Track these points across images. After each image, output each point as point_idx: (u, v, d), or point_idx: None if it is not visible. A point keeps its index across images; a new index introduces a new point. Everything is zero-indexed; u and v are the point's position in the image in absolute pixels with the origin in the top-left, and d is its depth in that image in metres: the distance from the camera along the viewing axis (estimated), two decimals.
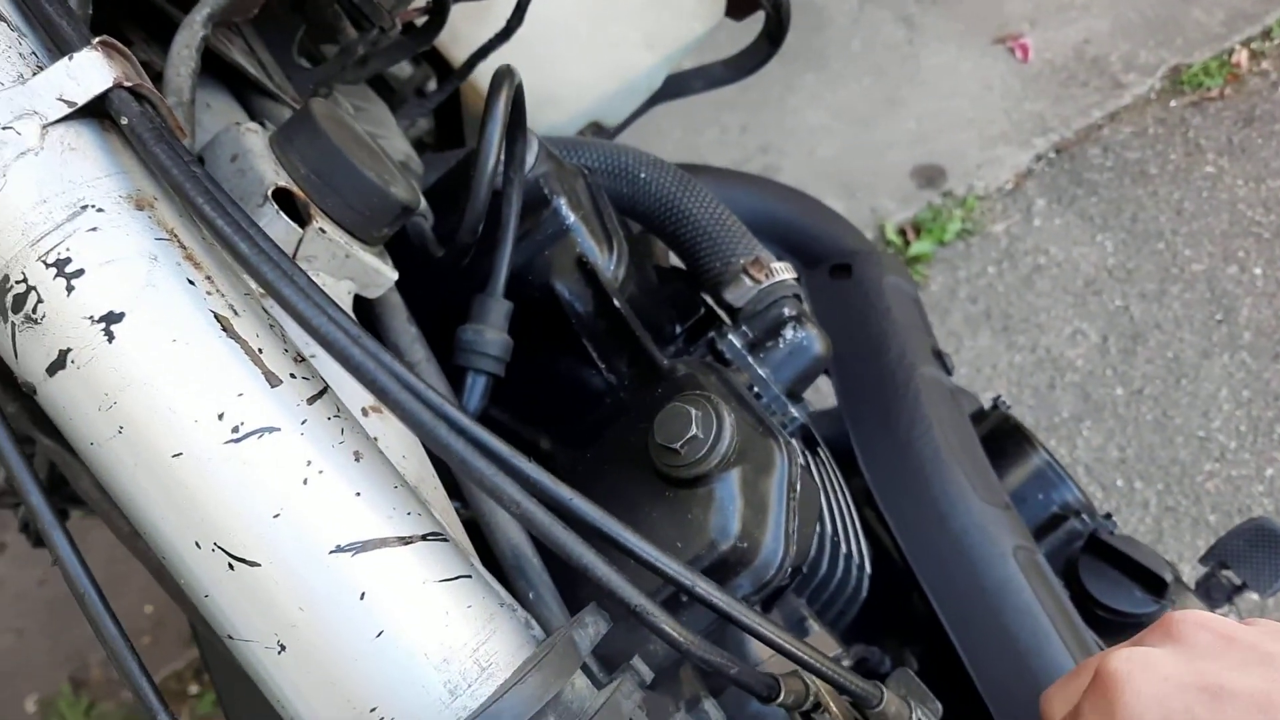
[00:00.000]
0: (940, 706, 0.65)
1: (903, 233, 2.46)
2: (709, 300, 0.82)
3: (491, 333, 0.69)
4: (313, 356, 0.46)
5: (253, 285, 0.44)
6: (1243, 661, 0.56)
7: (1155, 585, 0.91)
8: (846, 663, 0.71)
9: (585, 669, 0.46)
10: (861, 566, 0.78)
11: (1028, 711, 0.79)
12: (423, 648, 0.41)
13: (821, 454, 0.83)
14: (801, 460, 0.69)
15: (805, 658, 0.51)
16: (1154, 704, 0.56)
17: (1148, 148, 2.57)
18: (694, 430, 0.57)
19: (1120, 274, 2.41)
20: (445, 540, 0.44)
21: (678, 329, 0.83)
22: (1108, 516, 1.01)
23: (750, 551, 0.59)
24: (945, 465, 0.86)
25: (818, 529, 0.74)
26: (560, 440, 0.73)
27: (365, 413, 0.53)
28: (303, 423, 0.41)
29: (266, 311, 0.44)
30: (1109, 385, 2.29)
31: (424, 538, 0.43)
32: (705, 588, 0.49)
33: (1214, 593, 1.29)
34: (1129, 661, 0.58)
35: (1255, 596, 1.31)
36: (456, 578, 0.43)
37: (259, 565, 0.39)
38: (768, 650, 0.53)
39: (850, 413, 0.92)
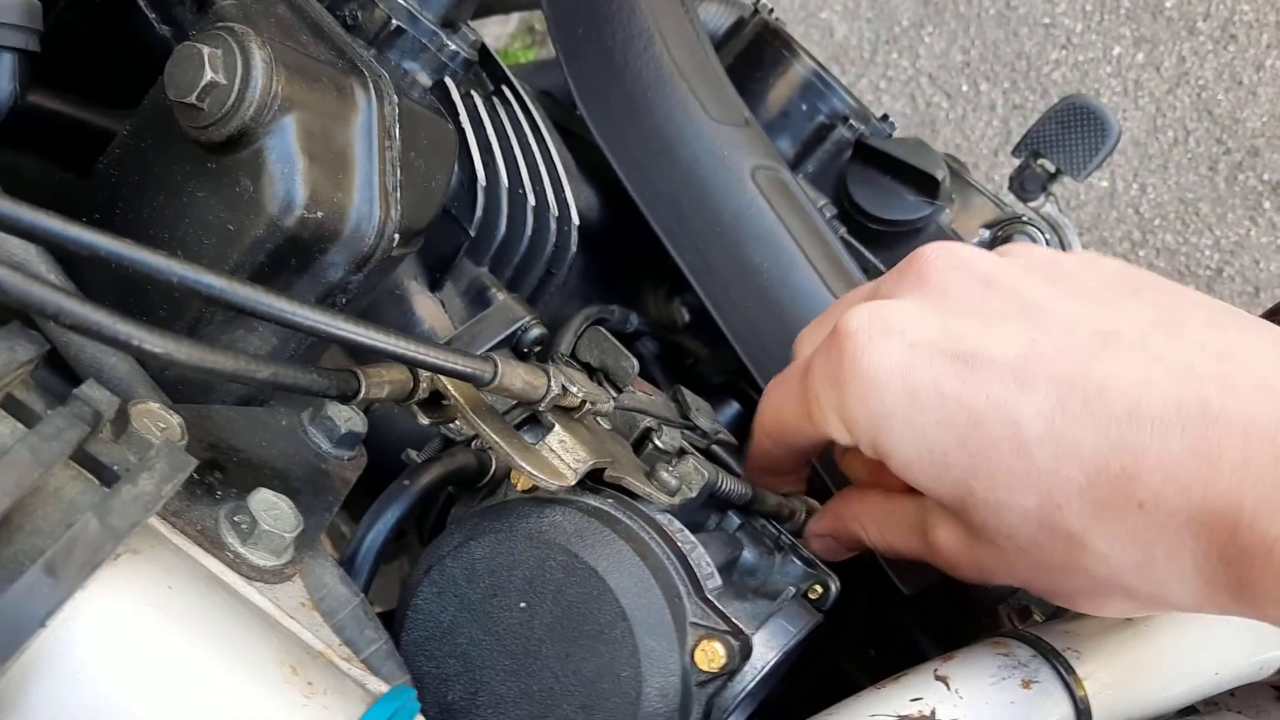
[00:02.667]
0: (635, 364, 0.57)
1: None
2: None
3: None
4: None
5: None
6: (1001, 314, 0.46)
7: (927, 185, 0.82)
8: (537, 330, 0.61)
9: (17, 409, 0.34)
10: (565, 218, 0.67)
11: (777, 347, 0.72)
12: None
13: (509, 94, 0.69)
14: (435, 101, 0.56)
15: (383, 346, 0.40)
16: (896, 376, 0.46)
17: None
18: (209, 74, 0.43)
19: None
20: None
21: None
22: (884, 118, 0.90)
23: (332, 221, 0.46)
24: (669, 85, 0.73)
25: (484, 182, 0.62)
26: None
27: None
28: None
29: None
30: None
31: None
32: (214, 281, 0.37)
33: (1028, 184, 1.22)
34: (870, 324, 0.48)
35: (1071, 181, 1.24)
36: None
37: None
38: None
39: (562, 42, 0.77)
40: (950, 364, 0.45)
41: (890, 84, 2.10)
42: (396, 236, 0.48)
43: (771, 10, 0.92)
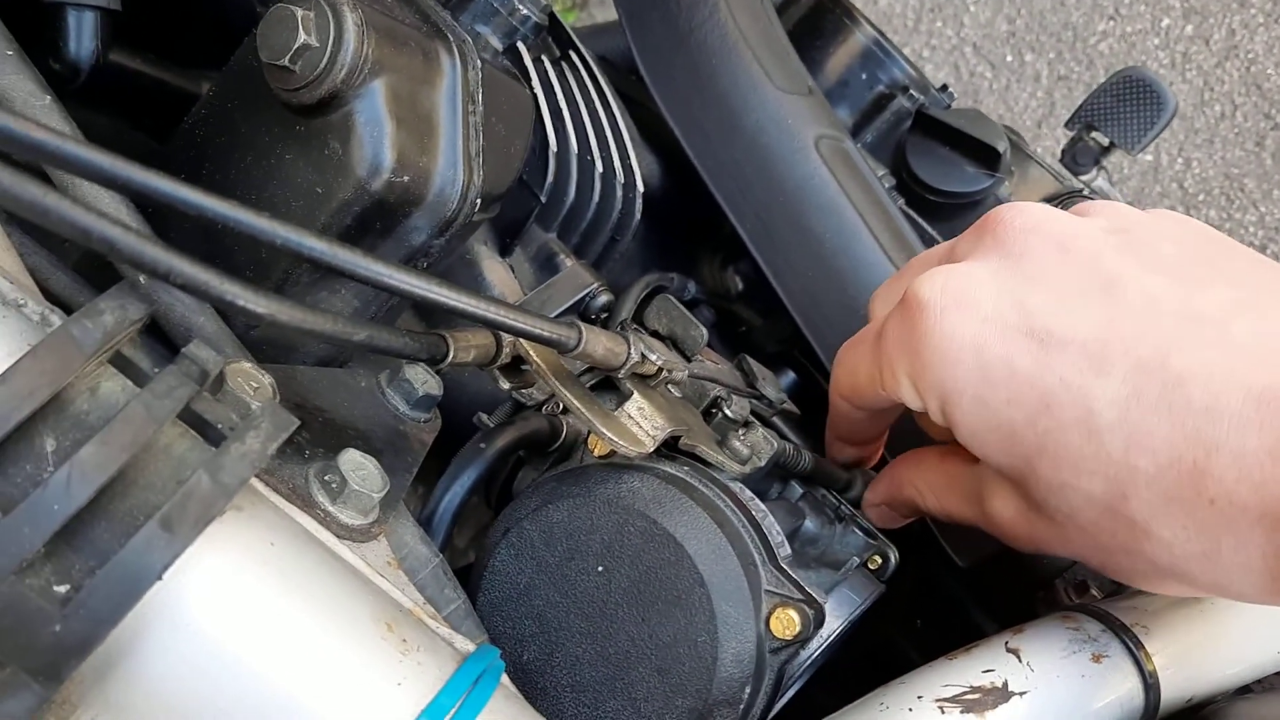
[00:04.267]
0: (704, 332, 0.57)
1: None
2: None
3: None
4: None
5: None
6: (1078, 288, 0.45)
7: (988, 157, 0.81)
8: (605, 297, 0.62)
9: (126, 366, 0.35)
10: (630, 185, 0.67)
11: (837, 317, 0.71)
12: None
13: (576, 59, 0.69)
14: (505, 65, 0.56)
15: (474, 310, 0.41)
16: (970, 351, 0.46)
17: None
18: (303, 36, 0.43)
19: None
20: None
21: None
22: (943, 89, 0.89)
23: (417, 185, 0.47)
24: (734, 52, 0.73)
25: (555, 148, 0.62)
26: None
27: None
28: None
29: None
30: None
31: None
32: (315, 244, 0.38)
33: (1080, 157, 1.21)
34: (945, 293, 0.47)
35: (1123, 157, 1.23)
36: None
37: None
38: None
39: (626, 7, 0.77)
40: (1024, 341, 0.45)
41: (934, 53, 2.07)
42: (478, 201, 0.49)
43: None
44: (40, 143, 0.32)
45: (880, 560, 0.61)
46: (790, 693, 0.55)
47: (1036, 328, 0.45)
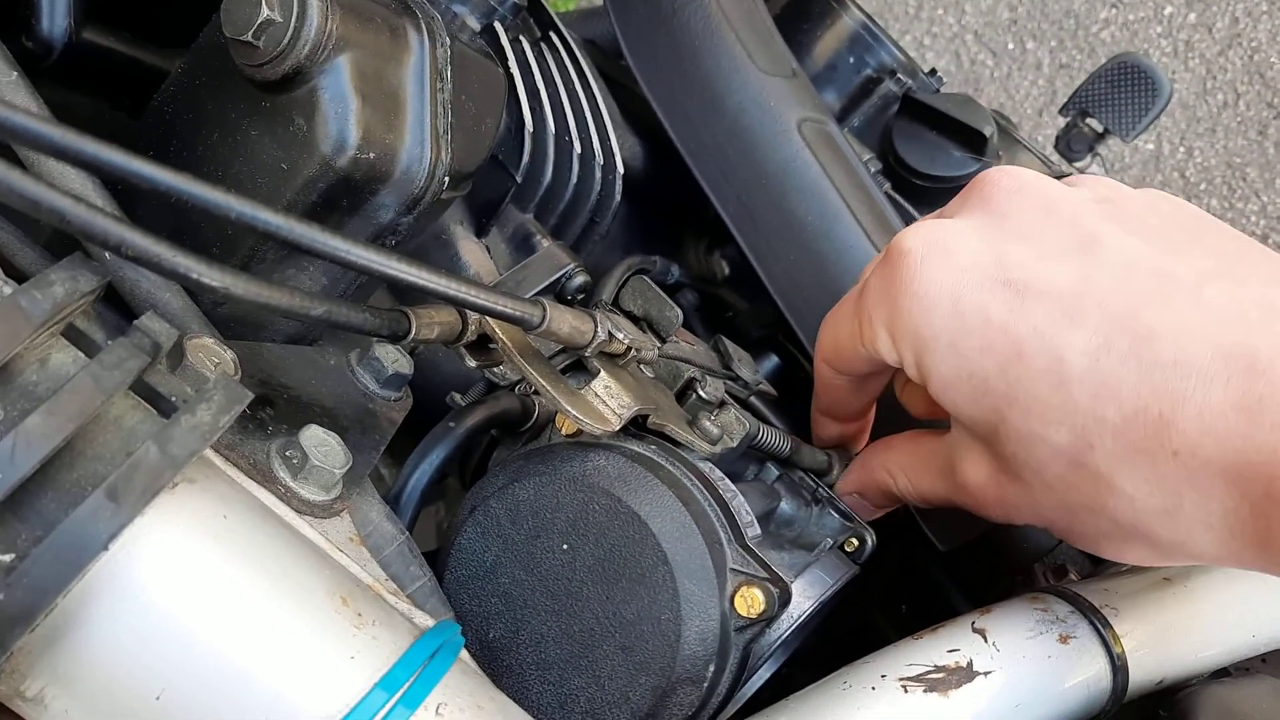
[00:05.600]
0: (679, 313, 0.57)
1: None
2: None
3: None
4: None
5: None
6: (1058, 246, 0.46)
7: (974, 141, 0.81)
8: (581, 278, 0.62)
9: (78, 338, 0.35)
10: (610, 167, 0.67)
11: (818, 300, 0.71)
12: None
13: (557, 41, 0.69)
14: (481, 45, 0.56)
15: (434, 287, 0.41)
16: (946, 298, 0.46)
17: None
18: (266, 11, 0.43)
19: None
20: None
21: None
22: (931, 73, 0.89)
23: (384, 162, 0.47)
24: (716, 34, 0.73)
25: (531, 128, 0.62)
26: None
27: None
28: None
29: None
30: None
31: None
32: (270, 217, 0.38)
33: (1074, 144, 1.20)
34: (926, 243, 0.47)
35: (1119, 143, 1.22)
36: None
37: None
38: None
39: None
40: (1000, 291, 0.45)
41: (935, 40, 2.06)
42: (446, 179, 0.48)
43: None
44: None
45: (857, 543, 0.61)
46: (763, 673, 0.55)
47: (1014, 279, 0.45)
